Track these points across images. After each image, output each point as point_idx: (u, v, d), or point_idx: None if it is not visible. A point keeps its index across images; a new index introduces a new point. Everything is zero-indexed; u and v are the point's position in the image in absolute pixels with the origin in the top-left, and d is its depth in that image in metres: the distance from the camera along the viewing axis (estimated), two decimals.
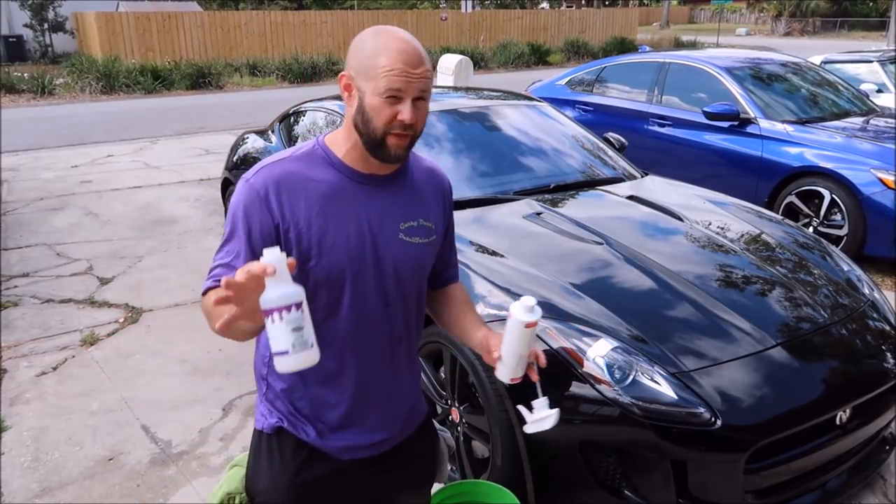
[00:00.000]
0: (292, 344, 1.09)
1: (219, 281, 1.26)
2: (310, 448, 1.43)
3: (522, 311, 1.30)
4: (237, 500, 1.52)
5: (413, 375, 1.53)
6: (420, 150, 1.50)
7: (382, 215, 1.36)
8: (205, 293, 1.32)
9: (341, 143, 1.37)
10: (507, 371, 1.36)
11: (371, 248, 1.35)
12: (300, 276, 1.32)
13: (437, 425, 1.72)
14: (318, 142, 1.39)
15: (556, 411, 1.37)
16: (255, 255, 1.27)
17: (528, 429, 1.37)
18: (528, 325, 1.30)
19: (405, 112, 1.28)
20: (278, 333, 1.08)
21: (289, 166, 1.34)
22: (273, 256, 1.07)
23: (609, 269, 2.64)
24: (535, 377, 1.38)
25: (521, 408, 1.40)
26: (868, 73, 7.56)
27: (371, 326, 1.35)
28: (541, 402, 1.38)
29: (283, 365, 1.10)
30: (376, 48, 1.28)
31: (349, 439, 1.43)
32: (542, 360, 1.37)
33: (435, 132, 3.56)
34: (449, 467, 1.79)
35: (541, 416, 1.36)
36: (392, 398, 1.46)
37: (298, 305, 1.09)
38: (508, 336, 1.33)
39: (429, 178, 1.48)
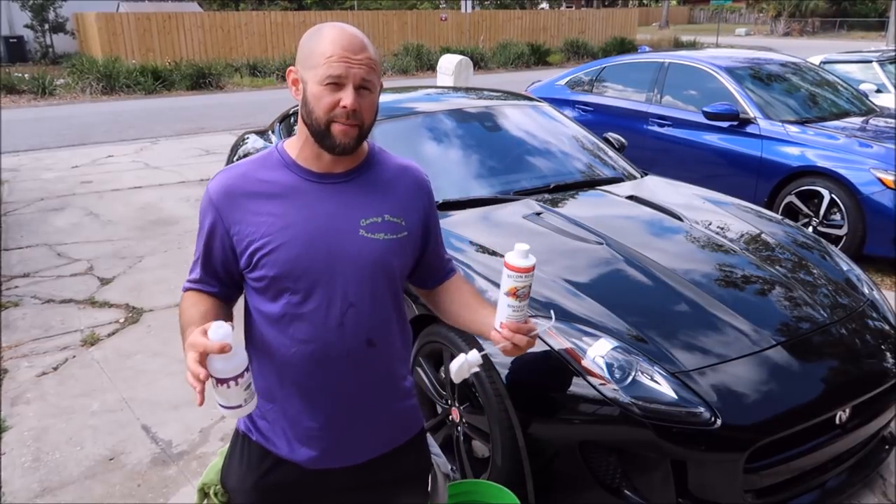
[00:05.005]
0: (245, 399, 1.19)
1: (193, 284, 1.42)
2: (275, 458, 1.42)
3: (516, 256, 1.29)
4: (212, 492, 1.53)
5: (395, 382, 1.46)
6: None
7: (338, 213, 1.35)
8: (186, 290, 1.43)
9: (296, 144, 1.39)
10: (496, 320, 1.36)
11: (325, 246, 1.32)
12: (255, 277, 1.35)
13: (434, 449, 1.64)
14: (277, 146, 1.42)
15: (465, 359, 1.35)
16: (211, 255, 1.39)
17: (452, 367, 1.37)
18: (514, 269, 1.28)
19: (347, 98, 1.27)
20: (232, 395, 1.17)
21: (243, 170, 1.38)
22: (222, 332, 1.13)
23: (609, 268, 2.64)
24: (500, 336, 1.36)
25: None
26: (867, 73, 7.56)
27: (337, 329, 1.31)
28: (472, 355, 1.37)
29: (236, 415, 1.20)
30: (319, 39, 1.30)
31: (320, 449, 1.40)
32: (524, 332, 1.33)
33: (435, 132, 3.55)
34: (446, 499, 1.68)
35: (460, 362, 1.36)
36: (367, 405, 1.41)
37: (248, 368, 1.18)
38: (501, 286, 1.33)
39: (400, 174, 1.45)
